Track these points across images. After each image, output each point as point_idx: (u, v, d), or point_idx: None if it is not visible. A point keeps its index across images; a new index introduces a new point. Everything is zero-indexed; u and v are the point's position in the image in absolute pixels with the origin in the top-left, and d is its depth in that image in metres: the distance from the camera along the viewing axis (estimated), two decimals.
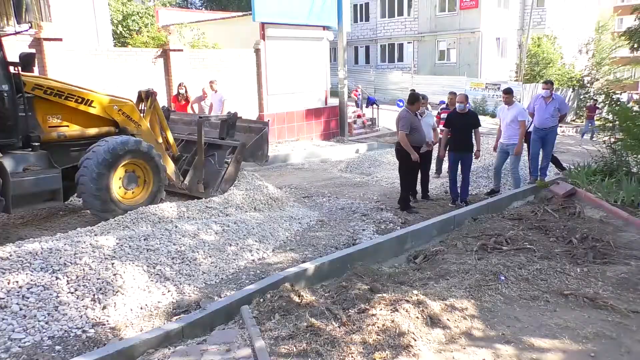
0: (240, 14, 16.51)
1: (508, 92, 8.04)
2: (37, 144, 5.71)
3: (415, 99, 7.17)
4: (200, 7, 35.99)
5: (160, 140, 7.19)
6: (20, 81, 5.45)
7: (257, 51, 13.75)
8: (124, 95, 6.92)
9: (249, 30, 13.97)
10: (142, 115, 6.95)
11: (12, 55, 5.63)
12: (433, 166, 10.08)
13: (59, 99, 5.92)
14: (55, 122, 6.00)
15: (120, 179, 6.25)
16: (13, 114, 5.39)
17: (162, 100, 9.71)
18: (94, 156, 5.84)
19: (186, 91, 11.18)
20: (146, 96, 7.13)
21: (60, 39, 9.63)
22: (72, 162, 6.04)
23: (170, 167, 7.16)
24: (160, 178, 6.64)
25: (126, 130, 6.58)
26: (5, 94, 5.31)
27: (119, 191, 6.24)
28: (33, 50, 6.63)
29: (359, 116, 18.55)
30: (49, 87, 5.85)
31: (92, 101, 6.26)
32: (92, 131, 6.31)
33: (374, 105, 19.02)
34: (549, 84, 8.27)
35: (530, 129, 8.28)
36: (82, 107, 6.16)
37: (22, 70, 5.51)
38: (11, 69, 5.43)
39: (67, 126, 6.13)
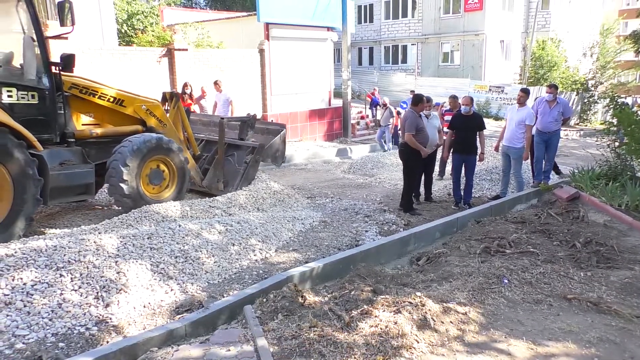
0: (245, 14, 16.54)
1: (525, 91, 7.97)
2: (72, 140, 6.03)
3: (419, 100, 7.19)
4: (205, 7, 36.05)
5: (182, 139, 7.42)
6: (60, 80, 5.79)
7: (261, 51, 13.76)
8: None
9: (253, 30, 14.00)
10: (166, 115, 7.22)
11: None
12: (436, 168, 10.06)
13: (93, 97, 6.25)
14: (87, 120, 6.33)
15: (147, 174, 6.47)
16: (53, 111, 5.74)
17: None
18: (128, 145, 6.15)
19: (192, 91, 11.21)
20: (170, 97, 7.45)
21: (66, 38, 9.63)
22: (102, 159, 6.28)
23: (192, 165, 7.35)
24: (184, 176, 6.87)
25: (153, 129, 6.83)
26: (47, 92, 5.65)
27: (144, 185, 6.44)
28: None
29: (362, 117, 18.57)
30: (84, 86, 6.19)
31: (123, 101, 6.56)
32: (121, 129, 6.58)
33: (378, 107, 19.03)
34: (552, 87, 8.24)
35: (533, 132, 8.25)
36: (113, 106, 6.47)
37: (62, 70, 5.80)
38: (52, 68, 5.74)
39: (99, 124, 6.44)
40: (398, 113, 14.82)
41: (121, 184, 6.05)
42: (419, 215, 7.08)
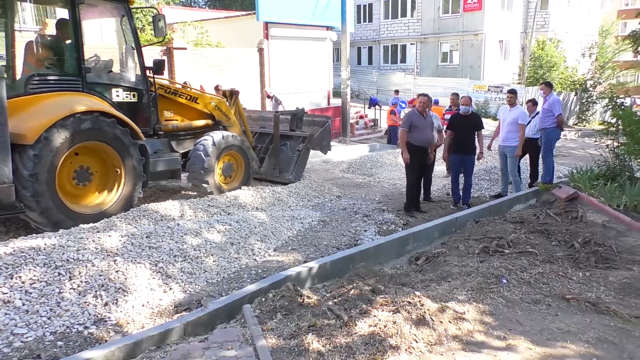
0: (244, 13, 16.54)
1: (513, 92, 8.08)
2: (161, 133, 6.96)
3: (417, 96, 7.34)
4: (204, 6, 36.00)
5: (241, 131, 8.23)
6: (152, 82, 6.75)
7: (260, 50, 13.76)
8: None
9: (252, 29, 14.00)
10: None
11: None
12: (443, 167, 10.07)
13: (175, 96, 7.28)
14: (169, 115, 7.30)
15: (221, 167, 7.40)
16: (148, 108, 6.69)
17: None
18: (209, 138, 7.09)
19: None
20: (230, 94, 8.26)
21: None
22: (182, 149, 7.26)
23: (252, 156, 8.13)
24: (249, 168, 7.80)
25: (221, 122, 7.80)
26: (144, 92, 6.60)
27: (218, 175, 7.34)
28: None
29: (361, 117, 18.58)
30: (168, 87, 7.26)
31: (197, 98, 7.52)
32: (195, 123, 7.57)
33: (376, 106, 19.04)
34: (541, 85, 8.38)
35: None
36: (189, 103, 7.46)
37: (154, 74, 6.70)
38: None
39: (177, 120, 7.37)
40: (392, 113, 14.85)
41: (202, 172, 6.97)
42: (415, 218, 7.04)
